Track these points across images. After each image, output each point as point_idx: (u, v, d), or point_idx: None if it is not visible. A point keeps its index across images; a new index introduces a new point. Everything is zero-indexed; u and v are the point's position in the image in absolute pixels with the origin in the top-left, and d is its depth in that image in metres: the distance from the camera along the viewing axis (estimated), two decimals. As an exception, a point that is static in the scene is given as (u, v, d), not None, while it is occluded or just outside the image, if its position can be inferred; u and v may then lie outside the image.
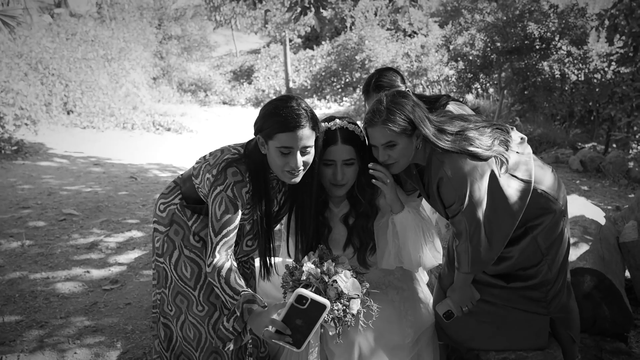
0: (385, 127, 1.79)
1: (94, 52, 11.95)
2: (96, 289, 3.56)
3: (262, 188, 1.80)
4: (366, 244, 2.03)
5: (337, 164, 1.92)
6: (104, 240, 4.40)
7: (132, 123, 11.00)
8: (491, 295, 2.07)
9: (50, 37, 11.28)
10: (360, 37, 16.53)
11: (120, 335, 2.96)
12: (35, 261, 3.94)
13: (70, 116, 10.41)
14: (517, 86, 8.37)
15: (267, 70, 19.73)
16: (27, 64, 9.67)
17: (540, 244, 1.98)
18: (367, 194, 2.01)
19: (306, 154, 1.74)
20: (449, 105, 2.53)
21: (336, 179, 1.92)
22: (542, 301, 2.06)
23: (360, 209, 2.02)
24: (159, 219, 2.05)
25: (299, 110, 1.70)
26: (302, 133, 1.68)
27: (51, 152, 8.16)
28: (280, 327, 1.45)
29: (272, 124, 1.70)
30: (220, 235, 1.70)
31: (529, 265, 2.02)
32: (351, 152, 1.93)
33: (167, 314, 2.07)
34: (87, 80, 11.09)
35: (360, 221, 2.02)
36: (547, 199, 1.95)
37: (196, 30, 18.84)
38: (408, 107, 1.82)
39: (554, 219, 1.97)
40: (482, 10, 8.38)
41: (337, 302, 1.68)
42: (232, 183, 1.73)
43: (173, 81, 17.17)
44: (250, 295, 1.58)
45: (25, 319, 3.11)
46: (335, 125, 1.96)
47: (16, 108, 8.52)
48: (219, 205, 1.72)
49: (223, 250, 1.70)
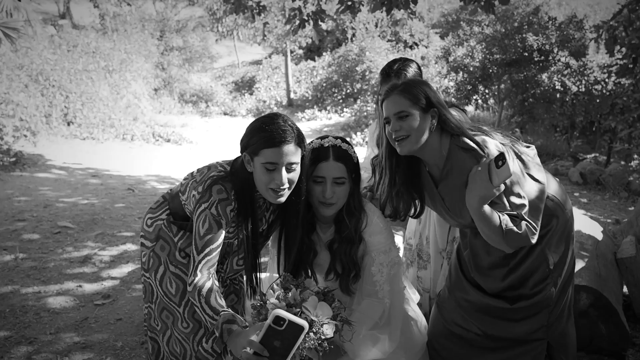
0: (401, 95, 1.78)
1: (95, 64, 12.04)
2: (88, 303, 3.51)
3: (247, 207, 1.77)
4: (348, 271, 1.98)
5: (326, 181, 1.88)
6: (97, 253, 4.36)
7: (131, 134, 11.04)
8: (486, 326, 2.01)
9: (51, 48, 11.37)
10: (361, 48, 16.61)
11: (109, 351, 2.92)
12: (27, 275, 3.91)
13: (70, 127, 10.44)
14: (516, 98, 8.37)
15: (269, 81, 19.84)
16: (27, 75, 9.73)
17: (548, 257, 1.90)
18: (354, 218, 1.96)
19: (291, 170, 1.71)
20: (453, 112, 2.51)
21: (325, 197, 1.89)
22: (543, 327, 1.99)
23: (345, 233, 1.97)
24: (146, 234, 2.03)
25: (284, 126, 1.69)
26: (287, 149, 1.66)
27: (49, 164, 8.17)
28: (258, 349, 1.41)
29: (258, 140, 1.68)
30: (203, 253, 1.67)
31: (535, 280, 1.94)
32: (342, 171, 1.89)
33: (154, 328, 2.05)
34: (87, 91, 11.15)
35: (344, 246, 1.97)
36: (557, 204, 1.90)
37: (198, 41, 18.97)
38: (428, 87, 1.82)
39: (561, 226, 1.91)
40: (481, 22, 8.41)
41: (310, 333, 1.63)
42: (216, 201, 1.70)
43: (174, 92, 17.27)
44: (230, 315, 1.54)
45: (15, 335, 3.07)
46: (328, 143, 1.93)
47: (16, 119, 8.57)
48: (202, 223, 1.70)
49: (205, 269, 1.67)
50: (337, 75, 17.20)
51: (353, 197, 1.95)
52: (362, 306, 1.93)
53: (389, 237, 1.99)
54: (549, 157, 8.12)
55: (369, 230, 1.97)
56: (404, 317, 2.15)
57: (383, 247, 1.97)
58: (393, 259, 2.00)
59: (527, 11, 7.93)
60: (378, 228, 1.98)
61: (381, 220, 2.00)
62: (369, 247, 1.98)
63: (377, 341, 1.91)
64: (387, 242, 1.98)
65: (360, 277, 2.00)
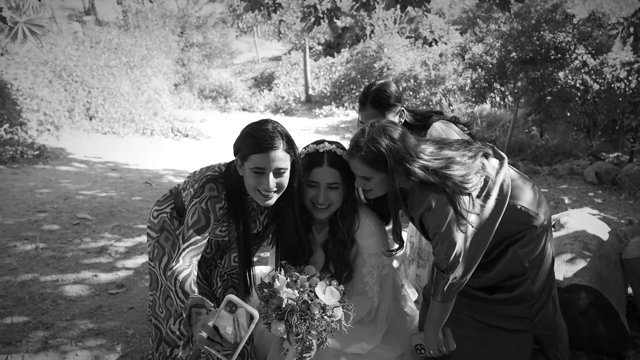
0: (361, 164, 1.81)
1: (117, 60, 12.26)
2: (102, 292, 3.66)
3: (238, 208, 1.84)
4: (340, 271, 2.02)
5: (320, 186, 1.93)
6: (113, 244, 4.51)
7: (151, 129, 11.24)
8: (473, 311, 2.08)
9: (75, 45, 11.62)
10: (379, 45, 16.54)
11: (121, 338, 3.04)
12: (47, 264, 4.07)
13: (92, 122, 10.68)
14: (533, 96, 8.27)
15: (288, 77, 19.90)
16: (51, 71, 9.98)
17: (522, 256, 1.98)
18: (347, 222, 2.00)
19: (279, 175, 1.76)
20: (436, 124, 2.55)
21: (318, 201, 1.93)
22: (525, 317, 2.05)
23: (338, 235, 2.02)
24: (151, 225, 2.14)
25: (273, 132, 1.74)
26: (274, 154, 1.72)
27: (71, 157, 8.40)
28: (210, 333, 1.42)
29: (246, 146, 1.74)
30: (188, 242, 1.73)
31: (512, 277, 2.02)
32: (336, 176, 1.93)
33: (158, 315, 2.14)
34: (109, 86, 11.37)
35: (337, 248, 2.02)
36: (527, 214, 1.96)
37: (217, 38, 19.12)
38: (389, 145, 1.78)
39: (535, 233, 1.97)
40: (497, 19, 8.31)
41: (324, 316, 1.70)
42: (207, 197, 1.78)
43: (194, 88, 17.46)
44: (199, 299, 1.56)
45: (33, 320, 3.22)
46: (323, 148, 1.97)
47: (40, 114, 8.81)
48: (191, 215, 1.77)
49: (187, 257, 1.72)
50: (355, 71, 17.17)
51: (347, 201, 2.00)
52: (351, 301, 2.00)
53: (380, 240, 2.04)
54: (565, 156, 8.02)
55: (361, 233, 2.02)
56: (400, 313, 2.21)
57: (374, 249, 2.02)
58: (384, 261, 2.05)
59: (545, 8, 7.82)
60: (370, 231, 2.02)
61: (374, 223, 2.04)
62: (361, 249, 2.03)
63: (358, 337, 1.98)
64: (379, 245, 2.03)
65: (353, 278, 2.05)
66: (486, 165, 1.94)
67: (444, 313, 1.98)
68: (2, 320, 3.19)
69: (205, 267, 2.18)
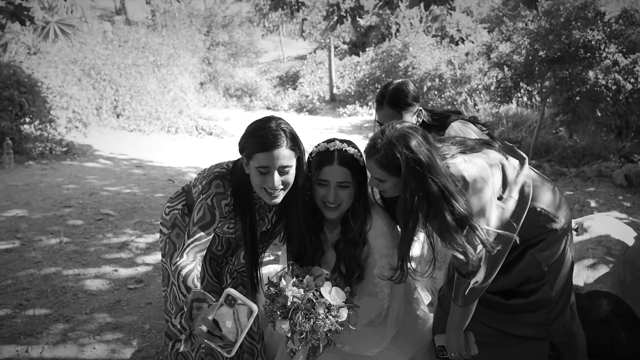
0: (376, 166, 1.76)
1: (144, 58, 12.50)
2: (122, 287, 3.73)
3: (244, 205, 1.84)
4: (352, 272, 2.00)
5: (330, 185, 1.91)
6: (134, 240, 4.59)
7: (176, 127, 11.41)
8: (489, 319, 2.03)
9: (104, 44, 11.91)
10: (405, 43, 16.40)
11: (137, 333, 3.09)
12: (69, 258, 4.17)
13: (119, 119, 10.92)
14: (561, 96, 8.05)
15: (312, 76, 19.93)
16: (81, 69, 10.25)
17: (540, 260, 1.93)
18: (358, 221, 1.98)
19: (284, 173, 1.76)
20: (454, 124, 2.50)
21: (328, 200, 1.92)
22: (542, 324, 1.99)
23: (349, 235, 1.99)
24: (163, 222, 2.16)
25: (276, 130, 1.73)
26: (278, 153, 1.71)
27: (97, 154, 8.60)
28: (209, 326, 1.41)
29: (251, 145, 1.74)
30: (193, 238, 1.74)
31: (529, 281, 1.96)
32: (346, 175, 1.91)
33: (169, 311, 2.16)
34: (136, 85, 11.60)
35: (348, 248, 1.99)
36: (547, 217, 1.90)
37: (243, 37, 19.28)
38: (406, 155, 1.71)
39: (554, 237, 1.92)
40: (525, 17, 8.13)
41: (329, 316, 1.69)
42: (213, 194, 1.79)
43: (219, 86, 17.66)
44: (201, 294, 1.55)
45: (54, 313, 3.30)
46: (334, 147, 1.95)
47: (69, 111, 9.06)
48: (197, 212, 1.79)
49: (192, 253, 1.73)
50: (379, 70, 17.07)
51: (359, 201, 1.98)
52: (360, 302, 1.97)
53: (392, 241, 2.00)
54: (594, 158, 7.79)
55: (373, 233, 1.99)
56: (412, 316, 2.18)
57: (386, 250, 1.99)
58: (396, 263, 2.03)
59: (575, 5, 7.61)
60: (382, 231, 2.00)
61: (386, 223, 2.02)
62: (372, 249, 2.00)
63: (367, 338, 1.96)
64: (390, 245, 2.00)
65: (364, 278, 2.02)
66: (505, 165, 1.89)
67: (465, 317, 1.94)
68: (25, 312, 3.28)
69: (216, 264, 2.19)
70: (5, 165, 7.11)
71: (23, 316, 3.24)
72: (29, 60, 8.77)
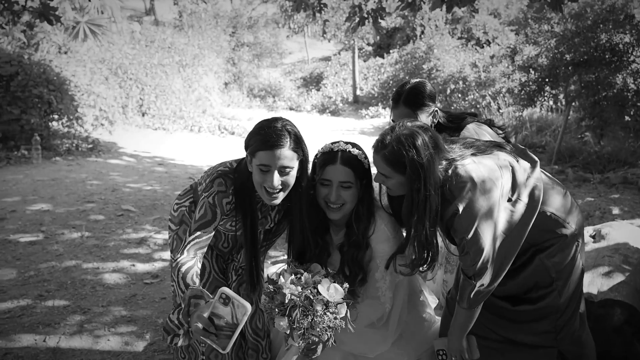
0: (383, 161, 1.77)
1: (169, 58, 12.73)
2: (138, 281, 3.81)
3: (246, 204, 1.86)
4: (355, 274, 1.99)
5: (332, 184, 1.92)
6: (153, 236, 4.69)
7: (199, 126, 11.58)
8: (496, 326, 2.00)
9: (131, 44, 12.17)
10: (429, 45, 16.27)
11: (150, 327, 3.16)
12: (90, 252, 4.28)
13: (144, 118, 11.15)
14: (587, 100, 7.87)
15: (336, 78, 19.95)
16: (108, 68, 10.50)
17: (548, 266, 1.89)
18: (362, 225, 1.98)
19: (285, 174, 1.77)
20: (470, 126, 2.49)
21: (330, 199, 1.92)
22: (550, 332, 1.96)
23: (353, 238, 1.99)
24: (172, 218, 2.21)
25: (281, 130, 1.75)
26: (280, 152, 1.73)
27: (122, 151, 8.79)
28: (205, 324, 1.44)
29: (255, 142, 1.77)
30: (194, 235, 1.78)
31: (537, 287, 1.93)
32: (349, 175, 1.91)
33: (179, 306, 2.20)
34: (161, 84, 11.82)
35: (351, 251, 1.99)
36: (557, 221, 1.87)
37: (268, 37, 19.44)
38: (412, 149, 1.72)
39: (564, 242, 1.88)
40: (550, 19, 7.96)
41: (327, 312, 1.70)
42: (215, 192, 1.82)
43: (243, 86, 17.85)
44: (198, 290, 1.57)
45: (72, 305, 3.40)
46: (337, 147, 1.96)
47: (96, 109, 9.28)
48: (199, 209, 1.83)
49: (192, 250, 1.76)
50: (403, 72, 16.98)
51: (362, 203, 1.97)
52: (362, 304, 1.97)
53: (395, 245, 2.00)
54: (620, 164, 7.58)
55: (376, 238, 1.99)
56: (417, 319, 2.17)
57: (388, 255, 1.98)
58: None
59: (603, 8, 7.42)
60: (385, 236, 1.99)
61: (390, 228, 2.01)
62: (375, 253, 2.00)
63: (368, 340, 1.96)
64: (393, 250, 1.99)
65: (367, 281, 2.02)
66: (515, 167, 1.87)
67: (470, 320, 1.92)
68: (45, 303, 3.39)
69: (223, 260, 2.22)
70: (33, 160, 7.33)
71: (43, 307, 3.34)
72: (58, 58, 9.02)
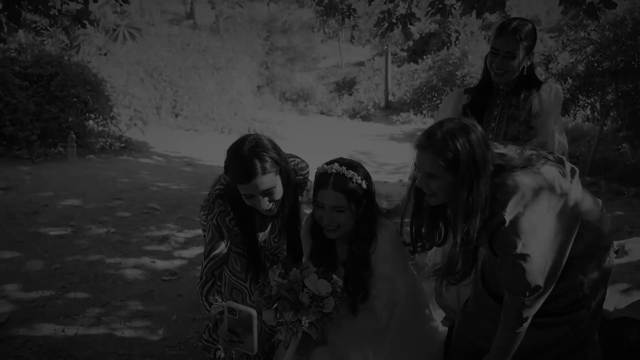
0: (433, 158, 1.62)
1: (204, 61, 12.99)
2: (156, 278, 3.90)
3: (243, 216, 1.94)
4: (356, 292, 1.97)
5: (325, 208, 1.92)
6: (175, 234, 4.80)
7: (229, 128, 11.77)
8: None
9: (168, 47, 12.50)
10: (463, 52, 16.06)
11: (164, 323, 3.24)
12: (114, 247, 4.42)
13: (177, 119, 11.42)
14: (625, 110, 7.59)
15: (369, 83, 19.92)
16: (144, 70, 10.81)
17: (583, 281, 1.79)
18: (363, 244, 1.97)
19: (270, 194, 1.82)
20: None
21: (322, 222, 1.94)
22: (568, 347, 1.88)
23: (354, 255, 1.98)
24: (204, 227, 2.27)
25: (249, 160, 1.74)
26: (257, 182, 1.76)
27: (152, 151, 9.03)
28: (227, 336, 1.60)
29: (231, 176, 1.83)
30: (208, 258, 1.88)
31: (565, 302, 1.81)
32: (340, 200, 1.89)
33: None
34: (195, 86, 12.08)
35: (353, 268, 1.98)
36: (596, 233, 1.79)
37: (302, 42, 19.60)
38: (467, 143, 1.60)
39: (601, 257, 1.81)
40: (587, 27, 7.73)
41: (312, 306, 1.74)
42: (217, 213, 1.90)
43: (276, 90, 18.05)
44: (220, 307, 1.71)
45: (92, 298, 3.52)
46: (332, 169, 1.93)
47: (131, 110, 9.56)
48: (208, 232, 1.92)
49: (210, 272, 1.88)
50: (436, 78, 16.81)
51: (362, 223, 1.96)
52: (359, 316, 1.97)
53: (394, 266, 1.98)
54: (656, 179, 7.27)
55: (375, 257, 1.97)
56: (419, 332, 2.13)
57: (386, 275, 1.97)
58: (396, 287, 1.99)
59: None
60: (384, 256, 1.97)
61: (390, 248, 1.98)
62: (374, 271, 1.99)
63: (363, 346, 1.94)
64: (392, 271, 1.98)
65: (368, 299, 2.00)
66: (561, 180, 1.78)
67: (516, 342, 1.78)
68: (67, 295, 3.52)
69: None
70: (68, 157, 7.61)
71: (65, 298, 3.47)
72: (97, 60, 9.35)
